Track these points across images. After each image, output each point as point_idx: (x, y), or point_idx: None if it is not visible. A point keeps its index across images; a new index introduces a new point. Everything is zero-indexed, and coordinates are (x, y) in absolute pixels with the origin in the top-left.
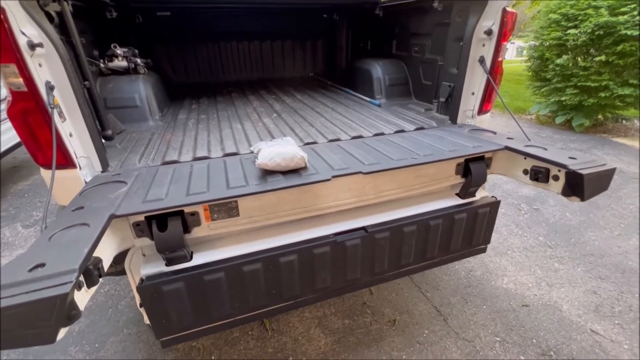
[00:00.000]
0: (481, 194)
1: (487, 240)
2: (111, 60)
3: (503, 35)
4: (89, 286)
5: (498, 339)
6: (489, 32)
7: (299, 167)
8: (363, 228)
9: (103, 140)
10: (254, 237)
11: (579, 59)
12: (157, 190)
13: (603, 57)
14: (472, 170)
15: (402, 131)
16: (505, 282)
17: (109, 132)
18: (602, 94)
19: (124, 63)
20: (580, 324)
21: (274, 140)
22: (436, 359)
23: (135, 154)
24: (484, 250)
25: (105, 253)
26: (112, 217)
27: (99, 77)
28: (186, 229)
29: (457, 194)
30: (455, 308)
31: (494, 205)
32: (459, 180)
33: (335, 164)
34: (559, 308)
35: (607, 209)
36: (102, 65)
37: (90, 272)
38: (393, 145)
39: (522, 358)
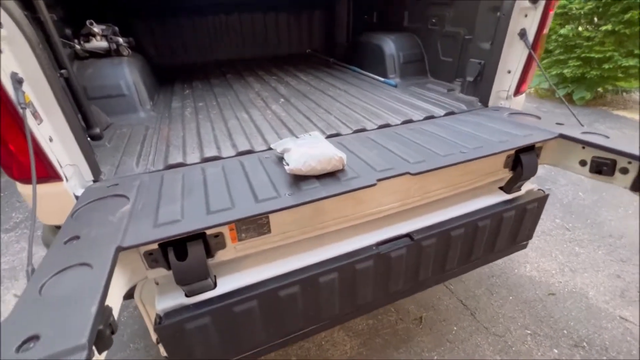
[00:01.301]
0: (527, 187)
1: (530, 236)
2: (88, 41)
3: (550, 4)
4: (100, 351)
5: (529, 331)
6: (534, 0)
7: (337, 169)
8: (408, 235)
9: (90, 141)
10: (286, 253)
11: (582, 28)
12: (170, 208)
13: (609, 26)
14: (524, 162)
15: (432, 117)
16: (528, 269)
17: (97, 130)
18: (606, 66)
19: (104, 43)
20: (608, 311)
21: (302, 137)
22: (470, 359)
23: (130, 155)
24: (525, 247)
25: (114, 298)
26: (120, 250)
27: (74, 61)
28: (209, 253)
29: (501, 188)
30: (481, 301)
31: (542, 200)
32: (507, 174)
33: (376, 164)
34: (585, 295)
35: (617, 187)
36: (77, 46)
37: (102, 334)
38: (430, 135)
39: (556, 351)
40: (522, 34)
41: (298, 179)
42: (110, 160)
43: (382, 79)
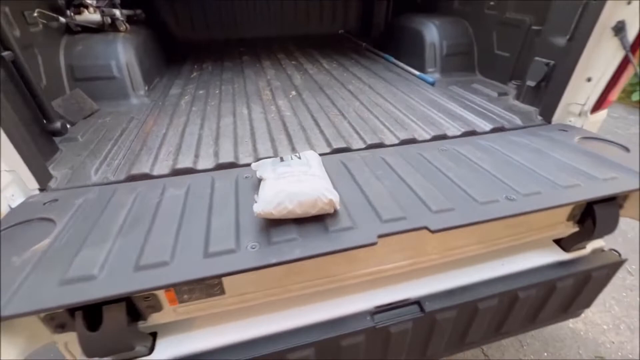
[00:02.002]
0: (593, 244)
1: (589, 305)
2: (79, 12)
3: None
4: None
5: None
6: None
7: (324, 212)
8: (417, 302)
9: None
10: (250, 313)
11: None
12: (92, 253)
13: None
14: (598, 217)
15: (474, 132)
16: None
17: (57, 124)
18: None
19: (96, 16)
20: None
21: (286, 160)
22: None
23: (95, 156)
24: (578, 315)
25: None
26: None
27: (64, 35)
28: (138, 317)
29: (557, 242)
30: (507, 353)
31: (615, 266)
32: (571, 228)
33: (383, 206)
34: None
35: None
36: (62, 19)
37: None
38: (467, 164)
39: None
40: (619, 29)
41: (271, 223)
42: (72, 161)
43: (417, 73)
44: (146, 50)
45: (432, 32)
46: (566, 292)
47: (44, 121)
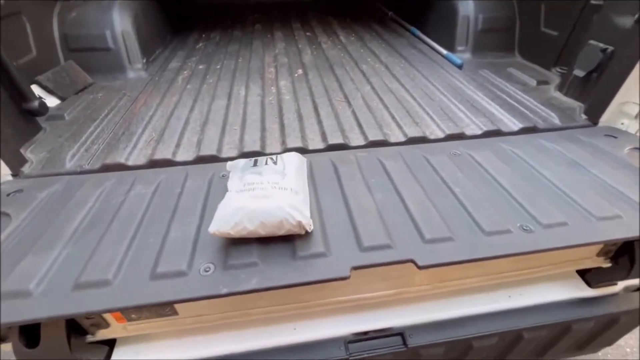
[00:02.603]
0: (625, 281)
1: (611, 343)
2: None
3: None
4: None
5: None
6: None
7: (294, 234)
8: (400, 334)
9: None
10: (211, 331)
11: None
12: (35, 263)
13: None
14: (638, 257)
15: (498, 133)
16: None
17: (35, 103)
18: None
19: None
20: None
21: (259, 166)
22: None
23: (76, 138)
24: (596, 351)
25: None
26: None
27: (58, 1)
28: (82, 332)
29: (580, 274)
30: None
31: None
32: (602, 263)
33: (367, 229)
34: None
35: None
36: None
37: None
38: (481, 177)
39: None
40: None
41: (232, 241)
42: (52, 144)
43: (444, 52)
44: (147, 17)
45: (467, 3)
46: (585, 334)
47: (21, 101)
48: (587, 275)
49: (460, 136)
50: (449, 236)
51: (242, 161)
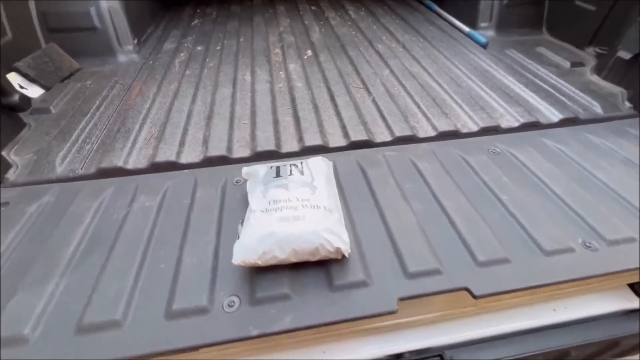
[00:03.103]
0: None
1: None
2: None
3: None
4: None
5: None
6: None
7: (329, 258)
8: (439, 355)
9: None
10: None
11: None
12: (28, 300)
13: None
14: None
15: (537, 125)
16: None
17: (15, 97)
18: None
19: None
20: None
21: (283, 177)
22: None
23: (65, 137)
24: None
25: None
26: None
27: None
28: None
29: (632, 287)
30: None
31: None
32: None
33: (410, 249)
34: None
35: None
36: None
37: None
38: (529, 180)
39: None
40: None
41: (257, 268)
42: (38, 143)
43: (467, 30)
44: None
45: None
46: (629, 348)
47: None
48: (637, 286)
49: (495, 129)
50: (505, 257)
51: (261, 169)
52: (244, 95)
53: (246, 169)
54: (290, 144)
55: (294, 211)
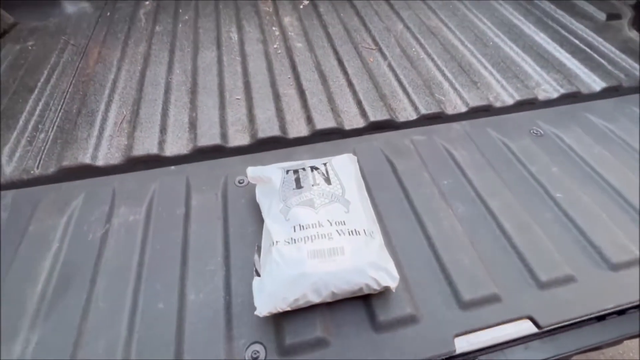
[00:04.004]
0: None
1: None
2: None
3: None
4: None
5: None
6: None
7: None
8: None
9: None
10: None
11: None
12: None
13: None
14: None
15: (577, 96)
16: None
17: None
18: None
19: None
20: None
21: (305, 187)
22: None
23: (10, 124)
24: None
25: None
26: None
27: None
28: None
29: None
30: None
31: None
32: None
33: (460, 268)
34: None
35: None
36: None
37: None
38: (580, 169)
39: None
40: None
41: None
42: None
43: None
44: None
45: None
46: None
47: None
48: None
49: (532, 102)
50: (570, 275)
51: (274, 175)
52: (232, 61)
53: (253, 172)
54: (297, 127)
55: (328, 241)
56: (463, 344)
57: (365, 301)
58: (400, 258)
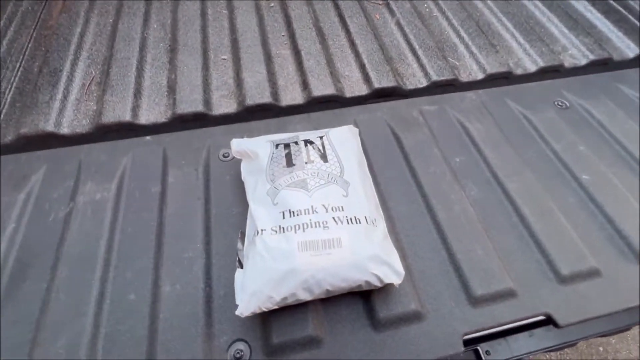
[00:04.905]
0: None
1: None
2: None
3: None
4: None
5: None
6: None
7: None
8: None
9: None
10: None
11: None
12: None
13: None
14: None
15: (608, 62)
16: None
17: None
18: None
19: None
20: None
21: (297, 165)
22: None
23: None
24: None
25: None
26: None
27: None
28: None
29: None
30: None
31: None
32: None
33: (470, 259)
34: None
35: None
36: None
37: None
38: (611, 148)
39: None
40: None
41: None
42: None
43: None
44: None
45: None
46: None
47: None
48: None
49: (557, 69)
50: (594, 268)
51: (261, 148)
52: (218, 14)
53: (237, 145)
54: (291, 92)
55: (323, 231)
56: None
57: (363, 295)
58: (404, 246)
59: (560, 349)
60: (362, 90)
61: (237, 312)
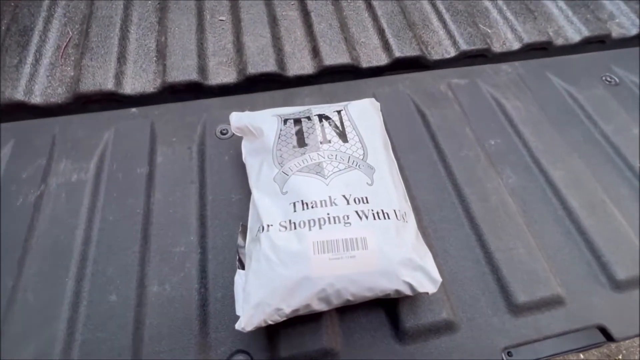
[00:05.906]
0: None
1: None
2: None
3: None
4: None
5: None
6: None
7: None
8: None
9: None
10: None
11: None
12: None
13: None
14: None
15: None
16: None
17: None
18: None
19: None
20: None
21: (310, 146)
22: None
23: None
24: None
25: None
26: None
27: None
28: None
29: None
30: None
31: None
32: None
33: (510, 260)
34: None
35: None
36: None
37: None
38: None
39: None
40: None
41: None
42: None
43: None
44: None
45: None
46: None
47: None
48: None
49: (603, 40)
50: None
51: (266, 123)
52: None
53: (238, 120)
54: (299, 61)
55: (344, 227)
56: None
57: (385, 301)
58: (433, 244)
59: (588, 349)
60: (381, 59)
61: (237, 326)
